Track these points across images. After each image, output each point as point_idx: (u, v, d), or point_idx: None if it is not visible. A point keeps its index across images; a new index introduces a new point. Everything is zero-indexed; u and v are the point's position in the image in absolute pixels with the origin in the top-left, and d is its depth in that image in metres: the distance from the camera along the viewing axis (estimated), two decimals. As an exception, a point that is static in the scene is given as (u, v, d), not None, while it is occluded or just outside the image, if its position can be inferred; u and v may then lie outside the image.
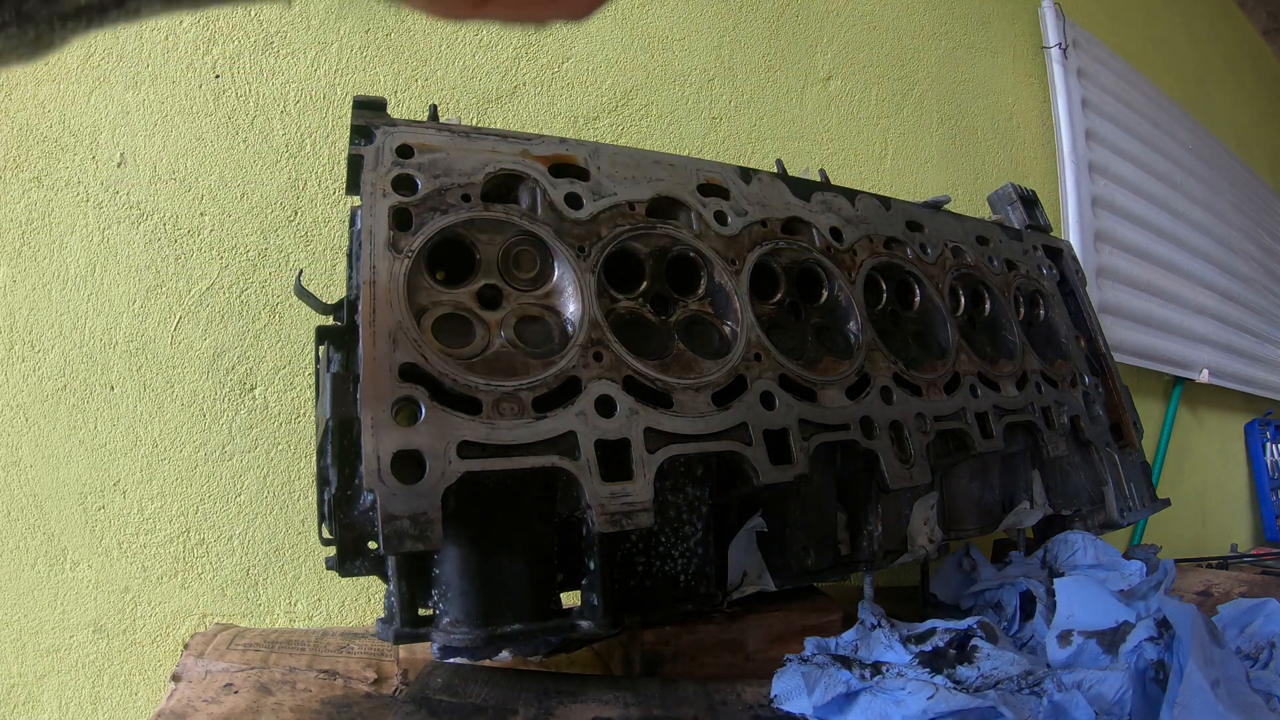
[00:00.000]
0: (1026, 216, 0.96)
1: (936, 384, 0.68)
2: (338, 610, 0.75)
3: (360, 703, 0.47)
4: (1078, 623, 0.57)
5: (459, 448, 0.44)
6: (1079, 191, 1.42)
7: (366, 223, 0.50)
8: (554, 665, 0.60)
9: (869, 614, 0.58)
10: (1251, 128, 2.43)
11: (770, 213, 0.66)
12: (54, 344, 0.68)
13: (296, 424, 0.74)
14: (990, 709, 0.44)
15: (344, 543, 0.50)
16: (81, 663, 0.66)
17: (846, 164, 1.18)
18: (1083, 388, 0.84)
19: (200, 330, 0.72)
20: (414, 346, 0.46)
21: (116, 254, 0.70)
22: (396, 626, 0.46)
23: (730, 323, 0.59)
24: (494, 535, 0.48)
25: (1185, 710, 0.44)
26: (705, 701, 0.49)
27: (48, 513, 0.66)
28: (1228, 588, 0.81)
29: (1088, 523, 0.83)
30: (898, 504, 0.67)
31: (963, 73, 1.39)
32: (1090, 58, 1.56)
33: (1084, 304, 0.94)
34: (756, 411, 0.55)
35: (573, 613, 0.50)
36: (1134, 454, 0.88)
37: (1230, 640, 0.56)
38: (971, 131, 1.38)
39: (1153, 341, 1.53)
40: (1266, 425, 2.04)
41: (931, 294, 0.73)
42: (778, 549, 0.60)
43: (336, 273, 0.77)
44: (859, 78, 1.22)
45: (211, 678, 0.49)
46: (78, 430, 0.68)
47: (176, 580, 0.69)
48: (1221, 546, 1.66)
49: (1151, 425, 1.60)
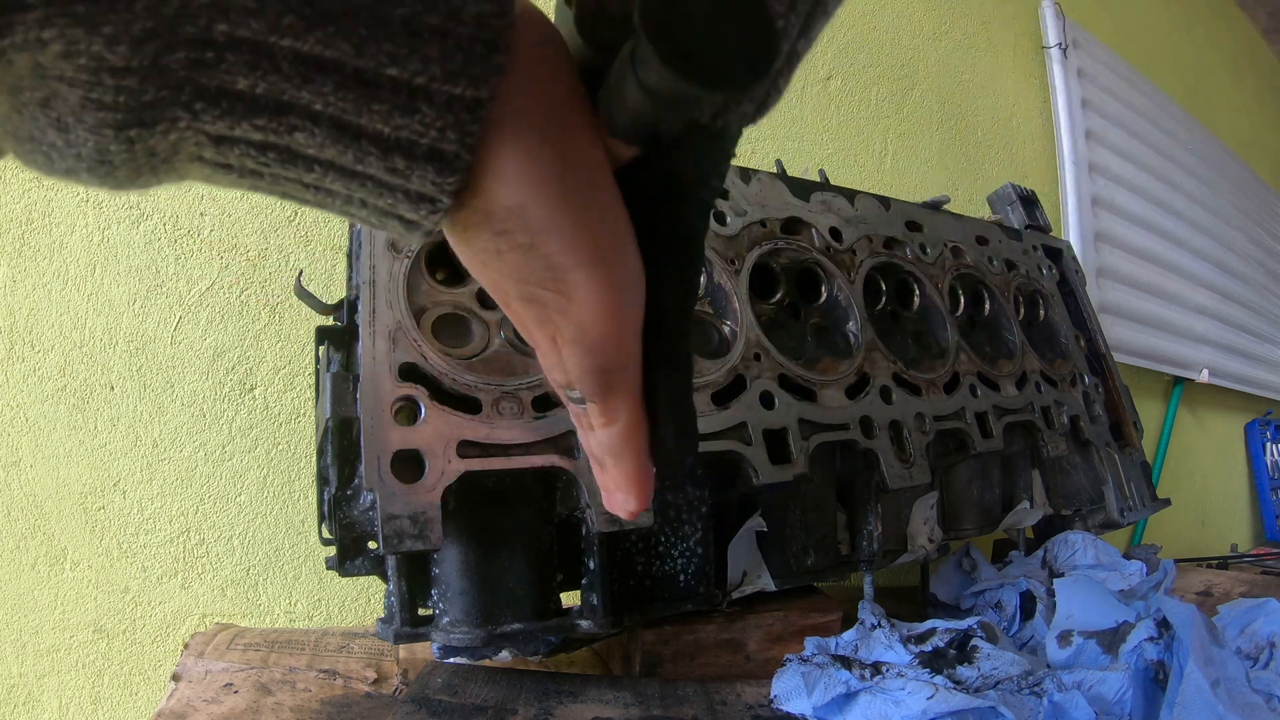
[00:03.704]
0: (1026, 216, 0.96)
1: (936, 384, 0.68)
2: (338, 610, 0.75)
3: (360, 703, 0.47)
4: (1078, 623, 0.57)
5: (458, 447, 0.44)
6: (1079, 191, 1.42)
7: (366, 223, 0.50)
8: (554, 665, 0.60)
9: (869, 614, 0.58)
10: (1251, 128, 2.43)
11: (770, 213, 0.66)
12: (54, 344, 0.68)
13: (296, 424, 0.74)
14: (990, 709, 0.44)
15: (344, 542, 0.50)
16: (81, 663, 0.66)
17: (846, 164, 1.18)
18: (1083, 387, 0.84)
19: (200, 330, 0.72)
20: (413, 346, 0.46)
21: (116, 254, 0.70)
22: (396, 626, 0.46)
23: (729, 322, 0.59)
24: (494, 535, 0.48)
25: (1185, 710, 0.44)
26: (705, 701, 0.49)
27: (48, 513, 0.66)
28: (1228, 588, 0.81)
29: (1088, 523, 0.83)
30: (897, 504, 0.67)
31: (963, 73, 1.39)
32: (1090, 58, 1.56)
33: (1084, 304, 0.94)
34: (756, 411, 0.55)
35: (572, 612, 0.50)
36: (1134, 454, 0.88)
37: (1230, 640, 0.56)
38: (971, 131, 1.38)
39: (1153, 341, 1.53)
40: (1266, 425, 2.04)
41: (931, 294, 0.73)
42: (777, 549, 0.60)
43: (336, 273, 0.77)
44: (859, 77, 1.22)
45: (211, 678, 0.49)
46: (78, 430, 0.68)
47: (176, 580, 0.69)
48: (1221, 546, 1.66)
49: (1151, 425, 1.60)
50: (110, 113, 0.18)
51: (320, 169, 0.21)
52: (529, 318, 0.27)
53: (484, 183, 0.22)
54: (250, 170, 0.20)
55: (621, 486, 0.33)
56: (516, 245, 0.24)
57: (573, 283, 0.25)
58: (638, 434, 0.32)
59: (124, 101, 0.18)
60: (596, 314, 0.26)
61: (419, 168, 0.21)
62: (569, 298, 0.25)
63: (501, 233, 0.23)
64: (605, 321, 0.26)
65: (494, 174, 0.22)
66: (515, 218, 0.23)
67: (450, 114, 0.20)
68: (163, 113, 0.18)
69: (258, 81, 0.18)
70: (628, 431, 0.31)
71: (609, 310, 0.26)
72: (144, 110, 0.18)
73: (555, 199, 0.23)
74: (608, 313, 0.26)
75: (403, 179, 0.21)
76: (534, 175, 0.22)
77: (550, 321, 0.27)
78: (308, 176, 0.21)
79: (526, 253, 0.24)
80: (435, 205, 0.22)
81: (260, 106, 0.19)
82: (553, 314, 0.26)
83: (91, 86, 0.17)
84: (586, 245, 0.24)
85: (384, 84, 0.19)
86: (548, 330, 0.27)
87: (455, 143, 0.20)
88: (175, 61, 0.18)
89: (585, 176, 0.24)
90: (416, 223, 0.22)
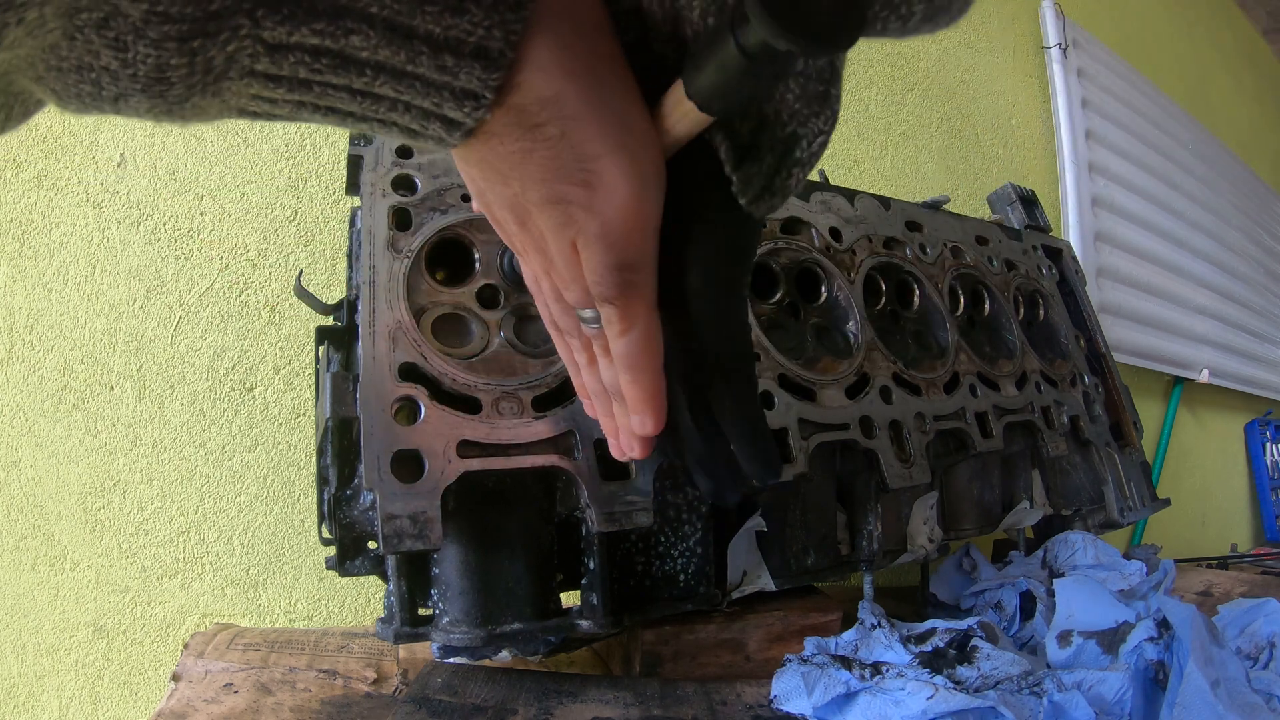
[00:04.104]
0: (1026, 216, 0.96)
1: (936, 384, 0.68)
2: (338, 610, 0.75)
3: (360, 702, 0.47)
4: (1077, 623, 0.57)
5: (458, 447, 0.44)
6: (1079, 191, 1.42)
7: (366, 223, 0.50)
8: (554, 665, 0.60)
9: (869, 614, 0.58)
10: (1251, 128, 2.43)
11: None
12: (54, 344, 0.68)
13: (296, 424, 0.74)
14: (990, 709, 0.44)
15: (344, 542, 0.50)
16: (81, 663, 0.66)
17: (846, 164, 1.18)
18: (1082, 387, 0.84)
19: (200, 330, 0.72)
20: (413, 346, 0.46)
21: (116, 254, 0.70)
22: (396, 626, 0.46)
23: (730, 322, 0.59)
24: (493, 535, 0.48)
25: (1185, 710, 0.44)
26: (705, 701, 0.49)
27: (48, 513, 0.66)
28: (1228, 588, 0.81)
29: (1088, 523, 0.83)
30: (897, 504, 0.66)
31: (963, 73, 1.39)
32: (1090, 58, 1.56)
33: (1084, 304, 0.94)
34: (756, 411, 0.55)
35: (572, 612, 0.50)
36: (1134, 454, 0.88)
37: (1230, 640, 0.56)
38: (971, 131, 1.38)
39: (1153, 341, 1.53)
40: (1266, 425, 2.04)
41: (931, 294, 0.73)
42: (777, 549, 0.60)
43: (336, 273, 0.77)
44: (859, 78, 1.22)
45: (211, 677, 0.49)
46: (78, 430, 0.68)
47: (176, 580, 0.69)
48: (1221, 546, 1.66)
49: (1151, 425, 1.60)
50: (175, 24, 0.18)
51: (372, 72, 0.21)
52: (550, 224, 0.28)
53: (525, 76, 0.23)
54: (301, 81, 0.21)
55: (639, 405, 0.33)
56: (548, 138, 0.25)
57: (600, 171, 0.26)
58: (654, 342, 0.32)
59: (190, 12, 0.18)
60: (623, 201, 0.27)
61: (466, 65, 0.22)
62: (595, 189, 0.26)
63: (535, 126, 0.24)
64: (630, 211, 0.27)
65: (535, 65, 0.23)
66: (552, 107, 0.24)
67: (496, 14, 0.21)
68: (225, 22, 0.19)
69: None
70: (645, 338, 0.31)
71: (634, 198, 0.27)
72: (208, 20, 0.19)
73: (588, 88, 0.25)
74: (633, 201, 0.27)
75: (451, 75, 0.22)
76: (570, 66, 0.24)
77: (573, 222, 0.27)
78: (358, 81, 0.21)
79: (558, 144, 0.25)
80: (479, 101, 0.23)
81: (319, 11, 0.19)
82: (577, 211, 0.27)
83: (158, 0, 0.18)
84: (616, 132, 0.26)
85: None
86: (569, 233, 0.28)
87: (500, 40, 0.22)
88: None
89: (613, 71, 0.26)
90: (459, 121, 0.23)
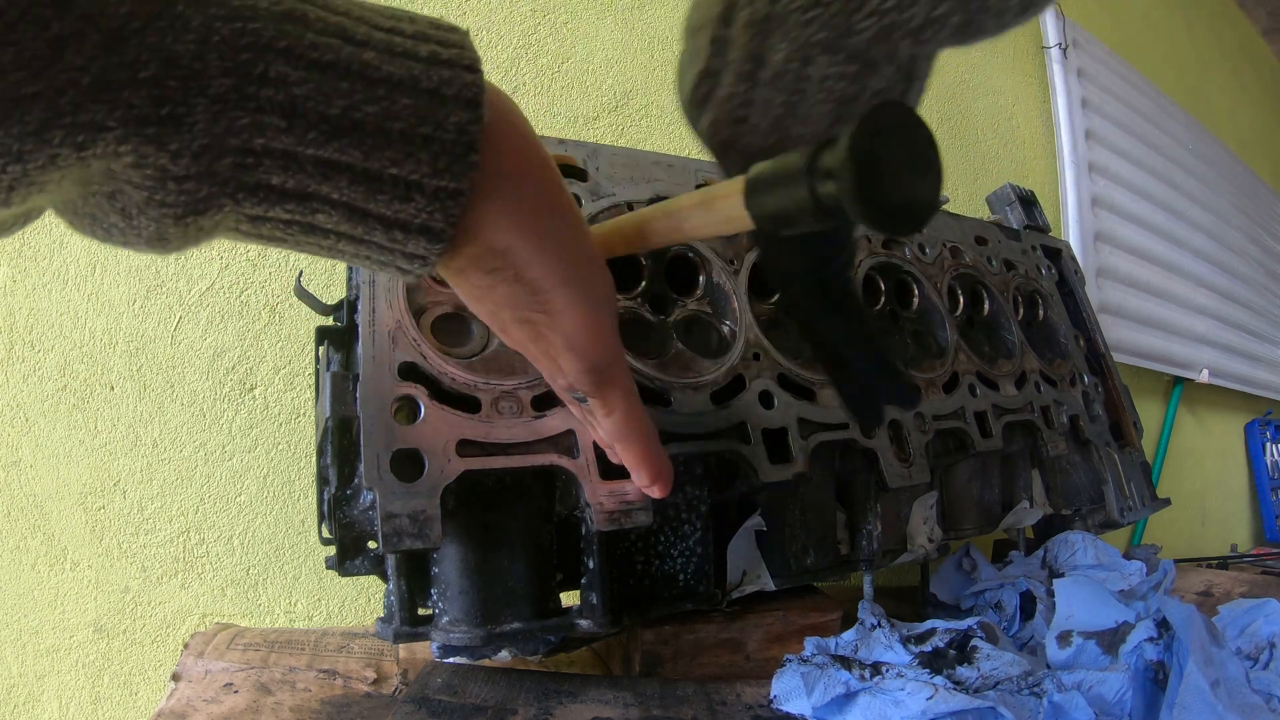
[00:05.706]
0: (1025, 216, 0.96)
1: (935, 383, 0.68)
2: (338, 610, 0.75)
3: (360, 702, 0.47)
4: (1077, 623, 0.57)
5: (458, 446, 0.44)
6: (1079, 191, 1.42)
7: (366, 222, 0.50)
8: (554, 665, 0.60)
9: (869, 614, 0.58)
10: (1251, 128, 2.43)
11: (770, 212, 0.66)
12: (54, 344, 0.68)
13: (296, 424, 0.74)
14: (990, 709, 0.44)
15: (343, 542, 0.50)
16: (81, 663, 0.66)
17: (846, 164, 1.18)
18: (1082, 387, 0.84)
19: (200, 330, 0.72)
20: (413, 346, 0.46)
21: (116, 254, 0.70)
22: (396, 626, 0.46)
23: (729, 322, 0.59)
24: (493, 534, 0.48)
25: (1185, 711, 0.44)
26: (705, 701, 0.49)
27: (48, 513, 0.66)
28: (1228, 588, 0.81)
29: (1088, 522, 0.83)
30: (897, 503, 0.66)
31: (963, 73, 1.39)
32: (1090, 58, 1.56)
33: (1083, 304, 0.94)
34: (755, 410, 0.55)
35: (572, 612, 0.50)
36: (1134, 454, 0.88)
37: (1230, 640, 0.56)
38: (971, 131, 1.38)
39: (1153, 341, 1.53)
40: (1266, 425, 2.04)
41: (930, 294, 0.73)
42: (777, 548, 0.60)
43: (336, 273, 0.77)
44: (859, 78, 1.22)
45: (211, 677, 0.49)
46: (78, 430, 0.68)
47: (176, 580, 0.69)
48: (1221, 546, 1.66)
49: (1151, 425, 1.60)
50: (170, 208, 0.22)
51: (334, 237, 0.26)
52: (525, 337, 0.34)
53: (481, 234, 0.28)
54: (277, 237, 0.26)
55: (633, 467, 0.41)
56: (505, 279, 0.30)
57: (555, 300, 0.31)
58: (635, 420, 0.38)
59: (183, 200, 0.22)
60: (578, 323, 0.32)
61: (413, 238, 0.26)
62: (553, 314, 0.32)
63: (492, 270, 0.29)
64: (587, 328, 0.33)
65: (485, 225, 0.28)
66: (503, 256, 0.29)
67: (438, 201, 0.25)
68: (212, 203, 0.23)
69: (288, 179, 0.23)
70: (626, 419, 0.37)
71: (587, 317, 0.32)
72: (198, 204, 0.22)
73: (536, 235, 0.29)
74: (587, 319, 0.32)
75: (400, 244, 0.26)
76: (517, 219, 0.28)
77: (543, 337, 0.33)
78: (324, 242, 0.26)
79: (514, 284, 0.30)
80: (425, 262, 0.28)
81: (290, 196, 0.24)
82: (543, 330, 0.33)
83: (156, 189, 0.21)
84: (563, 268, 0.31)
85: (386, 180, 0.24)
86: (542, 345, 0.34)
87: (441, 221, 0.26)
88: (223, 166, 0.22)
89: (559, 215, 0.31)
90: (410, 271, 0.28)
